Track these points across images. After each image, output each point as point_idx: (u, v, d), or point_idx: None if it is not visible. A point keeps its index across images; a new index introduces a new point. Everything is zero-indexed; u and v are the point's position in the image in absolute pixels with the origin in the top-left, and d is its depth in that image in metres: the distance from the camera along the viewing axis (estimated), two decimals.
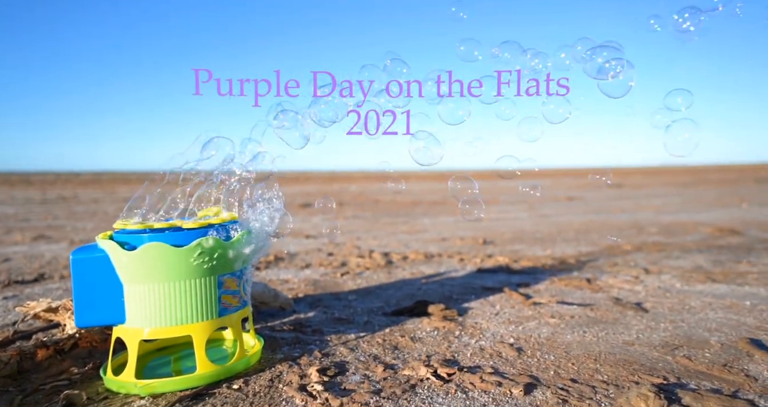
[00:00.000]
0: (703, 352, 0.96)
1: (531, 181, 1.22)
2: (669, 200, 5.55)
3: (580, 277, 1.63)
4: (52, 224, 3.59)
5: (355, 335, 1.08)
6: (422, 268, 1.85)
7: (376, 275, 1.73)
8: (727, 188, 7.54)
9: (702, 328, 1.11)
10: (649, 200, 5.59)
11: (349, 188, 9.22)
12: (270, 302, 1.20)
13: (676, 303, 1.32)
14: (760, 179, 10.77)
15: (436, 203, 5.31)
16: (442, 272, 1.78)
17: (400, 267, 1.88)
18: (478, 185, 1.13)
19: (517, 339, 1.05)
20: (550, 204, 5.18)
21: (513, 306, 1.32)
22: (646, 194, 6.81)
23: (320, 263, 1.95)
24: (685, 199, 5.62)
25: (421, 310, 1.26)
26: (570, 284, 1.56)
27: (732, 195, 5.93)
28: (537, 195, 1.06)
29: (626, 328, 1.12)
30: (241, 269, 0.85)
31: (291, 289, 1.53)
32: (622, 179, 13.08)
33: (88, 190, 10.11)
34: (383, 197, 6.55)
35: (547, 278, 1.65)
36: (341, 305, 1.34)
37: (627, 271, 1.75)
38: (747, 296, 1.38)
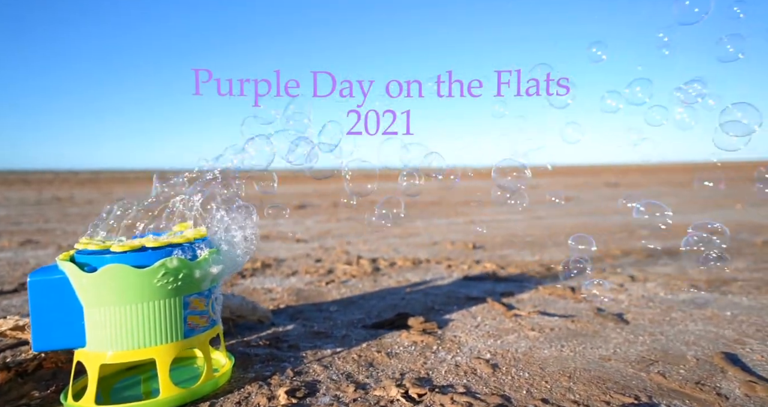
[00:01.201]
0: (678, 368, 0.95)
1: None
2: (664, 201, 5.54)
3: (564, 285, 1.62)
4: (42, 227, 3.57)
5: (332, 350, 1.07)
6: (409, 275, 1.85)
7: (362, 284, 1.72)
8: (729, 189, 7.53)
9: (680, 341, 1.10)
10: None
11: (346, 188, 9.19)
12: (248, 315, 1.19)
13: (658, 314, 1.31)
14: (758, 178, 10.76)
15: (432, 204, 5.30)
16: (428, 280, 1.77)
17: (386, 275, 1.87)
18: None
19: (494, 355, 1.04)
20: (545, 205, 5.17)
21: (494, 317, 1.31)
22: (642, 193, 6.80)
23: (307, 270, 1.94)
24: (681, 199, 5.61)
25: (401, 323, 1.25)
26: (554, 293, 1.55)
27: (728, 195, 5.92)
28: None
29: (605, 341, 1.11)
30: (209, 289, 0.84)
31: (273, 299, 1.52)
32: (620, 177, 13.08)
33: (85, 190, 10.08)
34: (378, 199, 6.53)
35: (533, 286, 1.65)
36: (322, 317, 1.33)
37: (613, 279, 1.74)
38: (729, 305, 1.38)
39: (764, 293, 1.52)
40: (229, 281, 1.74)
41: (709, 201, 5.18)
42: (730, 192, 6.34)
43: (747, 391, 0.85)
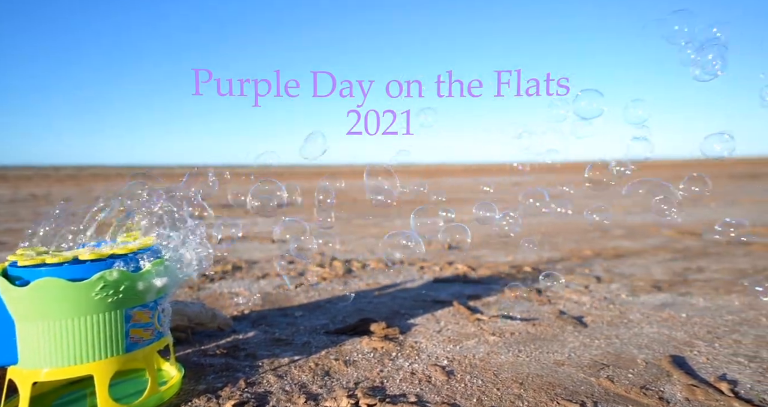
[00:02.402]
0: (627, 372, 0.97)
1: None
2: (642, 199, 5.65)
3: (531, 288, 1.64)
4: (12, 227, 3.49)
5: (290, 358, 1.07)
6: (380, 278, 1.85)
7: (331, 287, 1.72)
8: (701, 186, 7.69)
9: (633, 345, 1.12)
10: (622, 199, 5.68)
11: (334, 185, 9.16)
12: (207, 323, 1.18)
13: (616, 316, 1.34)
14: (735, 175, 11.02)
15: (413, 203, 5.31)
16: (398, 283, 1.78)
17: (358, 277, 1.87)
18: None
19: (451, 361, 1.05)
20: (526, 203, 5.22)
21: (458, 321, 1.32)
22: (620, 191, 6.90)
23: (278, 273, 1.93)
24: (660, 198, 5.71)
25: (363, 328, 1.25)
26: (520, 295, 1.57)
27: (704, 192, 6.04)
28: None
29: (561, 346, 1.13)
30: (155, 300, 0.83)
31: (239, 304, 1.51)
32: (600, 175, 13.24)
33: (64, 187, 9.87)
34: (362, 196, 6.53)
35: (500, 288, 1.66)
36: (285, 322, 1.33)
37: (579, 280, 1.77)
38: (685, 307, 1.41)
39: (721, 293, 1.56)
40: (195, 285, 1.72)
41: (687, 199, 5.28)
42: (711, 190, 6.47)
43: (688, 395, 0.87)
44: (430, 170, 17.99)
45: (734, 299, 1.48)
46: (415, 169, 11.10)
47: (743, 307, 1.41)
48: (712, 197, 5.10)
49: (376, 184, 1.06)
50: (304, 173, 16.14)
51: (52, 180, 13.08)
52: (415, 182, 1.10)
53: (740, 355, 1.05)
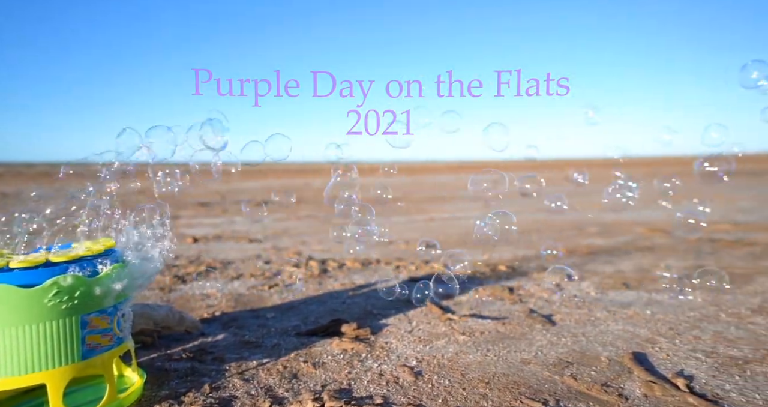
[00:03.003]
0: (590, 370, 1.00)
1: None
2: (620, 197, 5.77)
3: (503, 286, 1.66)
4: None
5: (258, 361, 1.06)
6: (355, 278, 1.85)
7: (306, 287, 1.71)
8: (678, 182, 7.91)
9: (598, 342, 1.15)
10: (601, 197, 5.79)
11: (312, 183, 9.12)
12: (174, 326, 1.16)
13: (584, 314, 1.37)
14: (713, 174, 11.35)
15: (394, 200, 5.32)
16: (373, 283, 1.78)
17: (333, 277, 1.86)
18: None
19: (420, 361, 1.06)
20: (505, 201, 5.28)
21: (429, 321, 1.33)
22: (602, 189, 7.05)
23: (252, 273, 1.91)
24: (637, 194, 5.85)
25: (334, 329, 1.25)
26: (493, 294, 1.59)
27: (680, 190, 6.22)
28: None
29: (529, 344, 1.15)
30: (115, 305, 0.81)
31: (210, 306, 1.49)
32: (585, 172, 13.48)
33: (37, 185, 9.55)
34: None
35: (474, 287, 1.68)
36: (256, 324, 1.32)
37: (551, 278, 1.80)
38: (651, 304, 1.45)
39: (688, 290, 1.61)
40: (166, 287, 1.69)
41: (661, 196, 5.42)
42: (681, 187, 6.65)
43: (646, 391, 0.89)
44: (419, 168, 18.01)
45: (697, 296, 1.53)
46: (403, 167, 11.03)
47: (705, 303, 1.45)
48: (684, 195, 5.25)
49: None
50: (282, 170, 16.00)
51: (25, 177, 12.65)
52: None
53: (699, 351, 1.09)
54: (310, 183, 8.99)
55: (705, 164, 1.03)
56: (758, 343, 1.12)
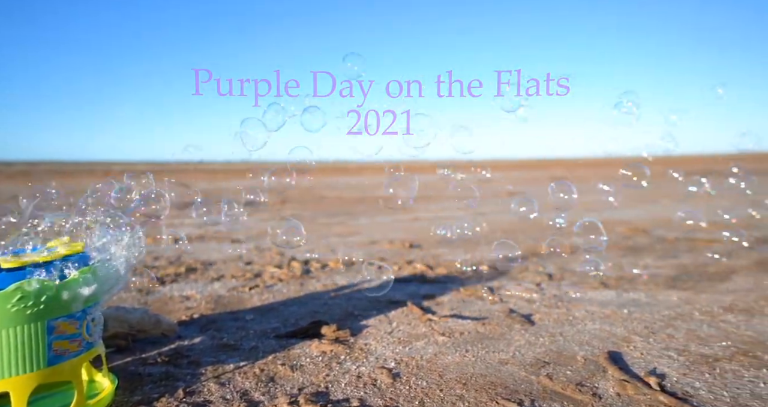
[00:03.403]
0: (566, 369, 1.01)
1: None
2: (601, 197, 5.86)
3: (484, 286, 1.67)
4: None
5: (235, 365, 1.05)
6: (337, 278, 1.84)
7: (287, 289, 1.70)
8: (657, 182, 8.07)
9: (575, 342, 1.16)
10: (583, 196, 5.87)
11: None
12: (150, 329, 1.14)
13: (563, 314, 1.38)
14: (689, 172, 11.61)
15: (380, 200, 5.31)
16: (355, 283, 1.77)
17: (315, 278, 1.85)
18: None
19: (398, 363, 1.06)
20: (491, 200, 5.33)
21: (410, 322, 1.33)
22: (585, 188, 7.15)
23: (233, 274, 1.89)
24: (617, 195, 5.94)
25: (314, 331, 1.24)
26: (473, 294, 1.60)
27: (658, 190, 6.34)
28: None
29: (508, 344, 1.16)
30: (84, 309, 0.79)
31: (189, 308, 1.47)
32: (568, 171, 13.69)
33: (12, 184, 9.32)
34: (330, 193, 6.48)
35: (455, 287, 1.69)
36: (235, 327, 1.30)
37: (532, 278, 1.82)
38: (628, 303, 1.48)
39: (662, 289, 1.64)
40: (144, 289, 1.66)
41: (640, 196, 5.52)
42: (659, 187, 6.79)
43: (619, 390, 0.91)
44: (407, 167, 17.96)
45: (673, 295, 1.56)
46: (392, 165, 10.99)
47: (680, 302, 1.48)
48: (664, 194, 5.35)
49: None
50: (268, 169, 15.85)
51: (2, 177, 12.33)
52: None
53: (671, 349, 1.11)
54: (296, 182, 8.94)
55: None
56: (728, 341, 1.15)
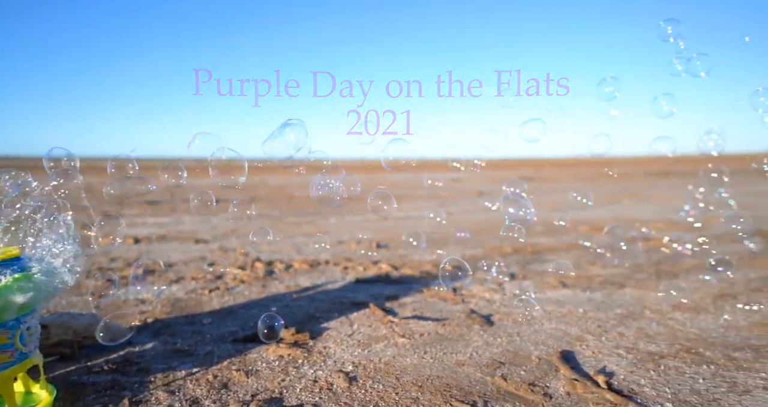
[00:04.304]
0: (520, 370, 1.03)
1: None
2: (567, 196, 6.03)
3: (447, 286, 1.69)
4: None
5: (187, 371, 1.01)
6: (301, 280, 1.82)
7: (248, 291, 1.66)
8: (623, 183, 8.39)
9: (531, 342, 1.19)
10: (550, 196, 6.03)
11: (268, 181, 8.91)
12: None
13: (522, 314, 1.41)
14: (650, 173, 12.11)
15: (350, 199, 5.29)
16: (319, 285, 1.75)
17: (278, 279, 1.82)
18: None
19: (356, 366, 1.05)
20: (460, 200, 5.39)
21: (371, 324, 1.33)
22: (552, 188, 7.35)
23: (194, 276, 1.84)
24: (582, 195, 6.13)
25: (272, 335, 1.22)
26: (436, 295, 1.61)
27: (622, 190, 6.59)
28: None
29: (466, 345, 1.17)
30: (17, 318, 0.75)
31: (143, 312, 1.42)
32: (536, 171, 14.03)
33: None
34: (300, 193, 6.40)
35: (419, 288, 1.69)
36: (191, 331, 1.26)
37: (494, 278, 1.84)
38: (584, 302, 1.52)
39: (619, 288, 1.70)
40: (97, 293, 1.59)
41: (606, 196, 5.72)
42: (625, 187, 7.06)
43: (569, 389, 0.93)
44: (378, 165, 17.95)
45: (627, 293, 1.62)
46: (362, 164, 10.93)
47: (633, 300, 1.54)
48: (626, 194, 5.56)
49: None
50: (237, 167, 15.51)
51: None
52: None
53: (621, 347, 1.15)
54: (266, 180, 8.79)
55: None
56: (674, 338, 1.20)
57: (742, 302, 1.49)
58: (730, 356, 1.09)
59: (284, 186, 7.22)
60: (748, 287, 1.66)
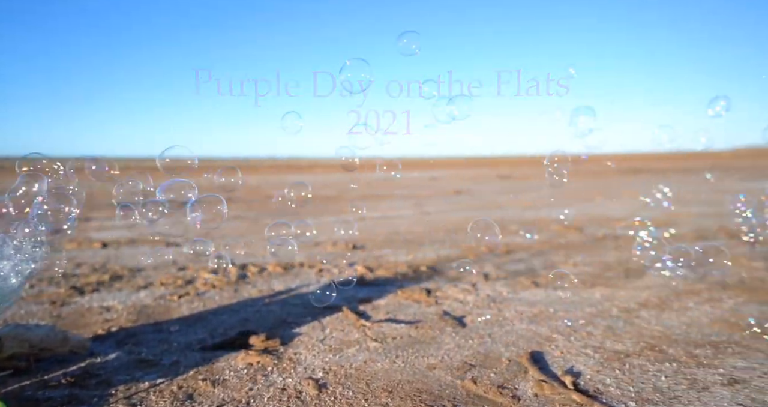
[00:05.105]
0: (490, 372, 1.03)
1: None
2: (542, 194, 6.14)
3: (422, 288, 1.69)
4: None
5: (151, 382, 0.98)
6: (274, 283, 1.79)
7: (219, 296, 1.63)
8: (595, 181, 8.59)
9: (502, 343, 1.20)
10: (526, 195, 6.13)
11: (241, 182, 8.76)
12: (56, 347, 1.05)
13: (494, 314, 1.42)
14: (621, 171, 12.44)
15: (328, 199, 5.26)
16: (293, 288, 1.73)
17: (251, 283, 1.79)
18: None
19: (327, 372, 1.04)
20: (437, 199, 5.42)
21: (343, 328, 1.32)
22: (527, 186, 7.46)
23: (163, 281, 1.79)
24: (559, 191, 6.25)
25: (242, 342, 1.20)
26: (410, 296, 1.60)
27: (594, 188, 6.75)
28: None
29: (438, 348, 1.17)
30: None
31: (107, 320, 1.37)
32: (512, 170, 14.24)
33: None
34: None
35: (394, 290, 1.69)
36: (157, 339, 1.23)
37: (469, 278, 1.86)
38: (555, 302, 1.55)
39: (588, 286, 1.73)
40: (58, 301, 1.53)
41: (579, 194, 5.84)
42: (597, 184, 7.23)
43: (537, 391, 0.94)
44: (359, 165, 17.86)
45: (596, 292, 1.65)
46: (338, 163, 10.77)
47: (602, 299, 1.57)
48: (598, 192, 5.70)
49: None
50: (217, 167, 15.26)
51: None
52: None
53: (589, 347, 1.17)
54: (244, 180, 8.65)
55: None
56: (640, 336, 1.23)
57: (704, 299, 1.54)
58: (691, 353, 1.12)
59: (261, 186, 7.12)
60: (711, 284, 1.71)
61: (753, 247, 2.30)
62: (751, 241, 1.22)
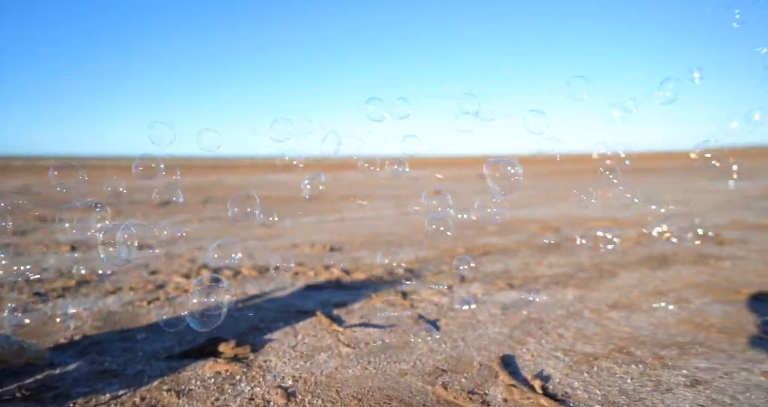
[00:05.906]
0: (461, 377, 1.03)
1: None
2: (522, 194, 6.21)
3: (398, 291, 1.68)
4: None
5: (112, 394, 0.95)
6: (248, 287, 1.76)
7: (191, 301, 1.59)
8: (574, 180, 8.74)
9: (474, 347, 1.20)
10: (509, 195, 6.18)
11: (226, 181, 8.65)
12: (11, 359, 1.00)
13: (468, 318, 1.43)
14: (598, 170, 12.66)
15: (308, 200, 5.21)
16: (267, 292, 1.70)
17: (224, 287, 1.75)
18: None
19: (296, 380, 1.02)
20: (418, 199, 5.43)
21: (316, 333, 1.30)
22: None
23: (132, 286, 1.74)
24: (537, 192, 6.34)
25: (211, 349, 1.17)
26: (386, 300, 1.60)
27: (569, 187, 6.86)
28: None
29: (410, 353, 1.17)
30: None
31: (71, 328, 1.32)
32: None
33: None
34: (258, 192, 6.24)
35: (369, 293, 1.68)
36: (122, 348, 1.19)
37: (445, 280, 1.86)
38: (528, 304, 1.56)
39: (562, 288, 1.75)
40: (20, 308, 1.47)
41: (558, 194, 5.94)
42: (572, 184, 7.34)
43: (506, 395, 0.95)
44: (339, 164, 17.76)
45: (569, 294, 1.67)
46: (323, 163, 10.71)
47: (574, 300, 1.59)
48: (571, 193, 5.79)
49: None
50: (197, 166, 15.00)
51: None
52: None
53: (559, 350, 1.18)
54: (223, 180, 8.51)
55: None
56: (609, 338, 1.25)
57: (672, 300, 1.58)
58: (657, 354, 1.14)
59: (241, 186, 7.01)
60: (679, 285, 1.76)
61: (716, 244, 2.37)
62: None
